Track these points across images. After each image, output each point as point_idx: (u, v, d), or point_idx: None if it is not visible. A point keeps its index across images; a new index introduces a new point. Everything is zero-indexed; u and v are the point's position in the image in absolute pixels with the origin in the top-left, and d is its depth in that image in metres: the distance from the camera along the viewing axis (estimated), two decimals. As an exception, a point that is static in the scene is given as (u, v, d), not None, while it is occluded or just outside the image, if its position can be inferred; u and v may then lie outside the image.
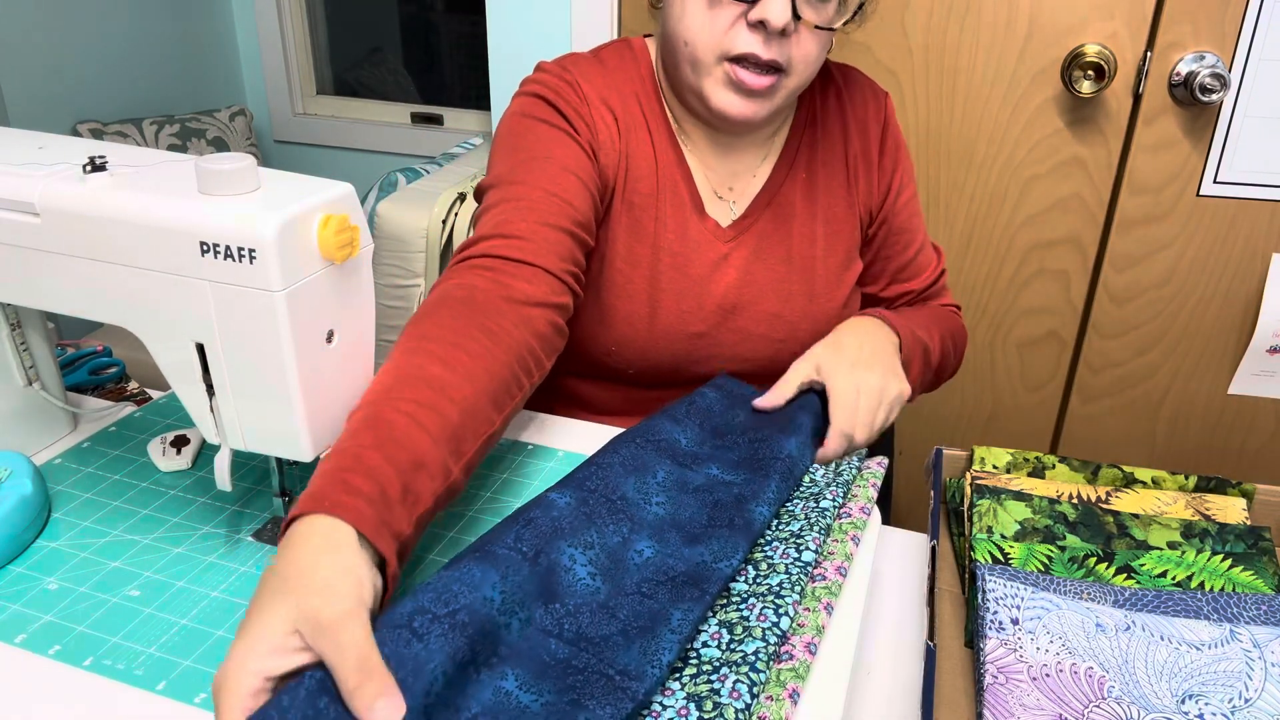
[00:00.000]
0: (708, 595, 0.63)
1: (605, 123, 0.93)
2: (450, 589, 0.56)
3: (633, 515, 0.70)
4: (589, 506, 0.68)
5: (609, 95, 0.94)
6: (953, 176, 1.56)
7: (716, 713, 0.56)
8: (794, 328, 0.98)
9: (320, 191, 0.63)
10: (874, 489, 0.79)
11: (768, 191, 0.98)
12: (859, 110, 1.00)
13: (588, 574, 0.63)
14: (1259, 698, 0.61)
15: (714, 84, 0.88)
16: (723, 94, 0.88)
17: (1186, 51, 1.39)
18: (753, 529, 0.70)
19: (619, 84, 0.95)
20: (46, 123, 2.12)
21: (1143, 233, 1.51)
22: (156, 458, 0.82)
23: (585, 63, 0.96)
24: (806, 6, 0.85)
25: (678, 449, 0.79)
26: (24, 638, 0.63)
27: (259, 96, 2.66)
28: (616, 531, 0.68)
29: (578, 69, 0.95)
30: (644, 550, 0.67)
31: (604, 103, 0.93)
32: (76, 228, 0.63)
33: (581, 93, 0.93)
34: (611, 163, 0.93)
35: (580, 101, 0.92)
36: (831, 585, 0.68)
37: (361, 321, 0.68)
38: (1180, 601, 0.69)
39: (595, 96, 0.93)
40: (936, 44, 1.49)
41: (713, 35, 0.85)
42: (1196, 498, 0.80)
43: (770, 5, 0.82)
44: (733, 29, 0.85)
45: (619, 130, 0.94)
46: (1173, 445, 1.65)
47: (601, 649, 0.58)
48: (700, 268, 0.96)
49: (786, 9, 0.82)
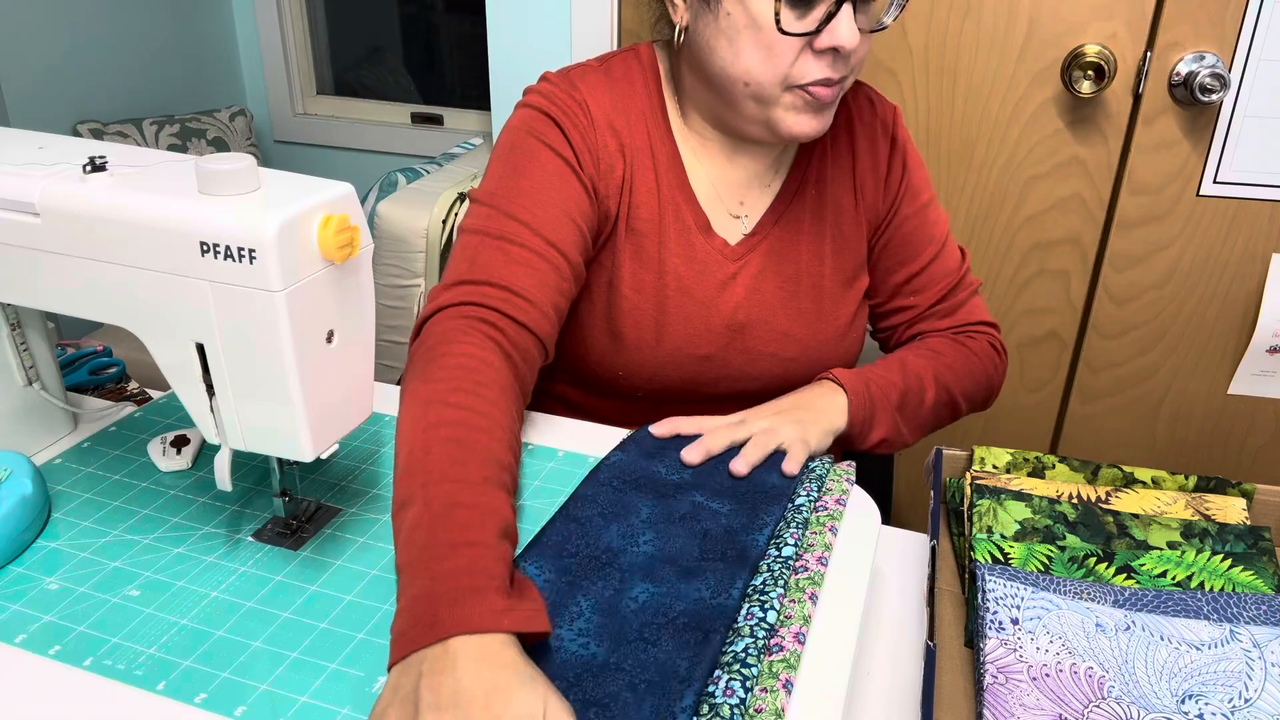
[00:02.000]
0: (714, 637, 0.62)
1: (609, 150, 0.91)
2: None
3: (622, 564, 0.68)
4: (571, 574, 0.67)
5: (615, 117, 0.92)
6: (953, 176, 1.56)
7: (712, 713, 0.56)
8: (803, 346, 0.97)
9: (320, 191, 0.63)
10: (848, 482, 0.79)
11: (778, 206, 0.97)
12: (867, 124, 0.99)
13: (579, 646, 0.61)
14: (1259, 698, 0.61)
15: (783, 111, 0.86)
16: (793, 119, 0.86)
17: (1186, 51, 1.39)
18: (747, 559, 0.69)
19: (626, 102, 0.93)
20: (46, 123, 2.13)
21: (1143, 233, 1.51)
22: (156, 458, 0.82)
23: (593, 77, 0.93)
24: (860, 16, 0.83)
25: (657, 479, 0.78)
26: (24, 638, 0.63)
27: (259, 96, 2.66)
28: (607, 585, 0.66)
29: (585, 85, 0.92)
30: (639, 595, 0.66)
31: (609, 125, 0.91)
32: (76, 228, 0.63)
33: (589, 114, 0.90)
34: (613, 192, 0.92)
35: (588, 125, 0.90)
36: (814, 575, 0.68)
37: (361, 321, 0.68)
38: (1180, 601, 0.69)
39: (602, 119, 0.91)
40: (936, 44, 1.49)
41: (776, 70, 0.83)
42: (1196, 498, 0.80)
43: (840, 31, 0.80)
44: (802, 59, 0.83)
45: (623, 156, 0.92)
46: (1173, 445, 1.65)
47: (612, 711, 0.56)
48: (706, 289, 0.95)
49: (854, 30, 0.81)
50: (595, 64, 0.96)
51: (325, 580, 0.69)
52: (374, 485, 0.81)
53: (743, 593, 0.66)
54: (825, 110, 0.87)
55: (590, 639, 0.62)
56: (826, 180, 0.97)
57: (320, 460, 0.77)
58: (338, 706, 0.59)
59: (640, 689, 0.58)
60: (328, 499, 0.78)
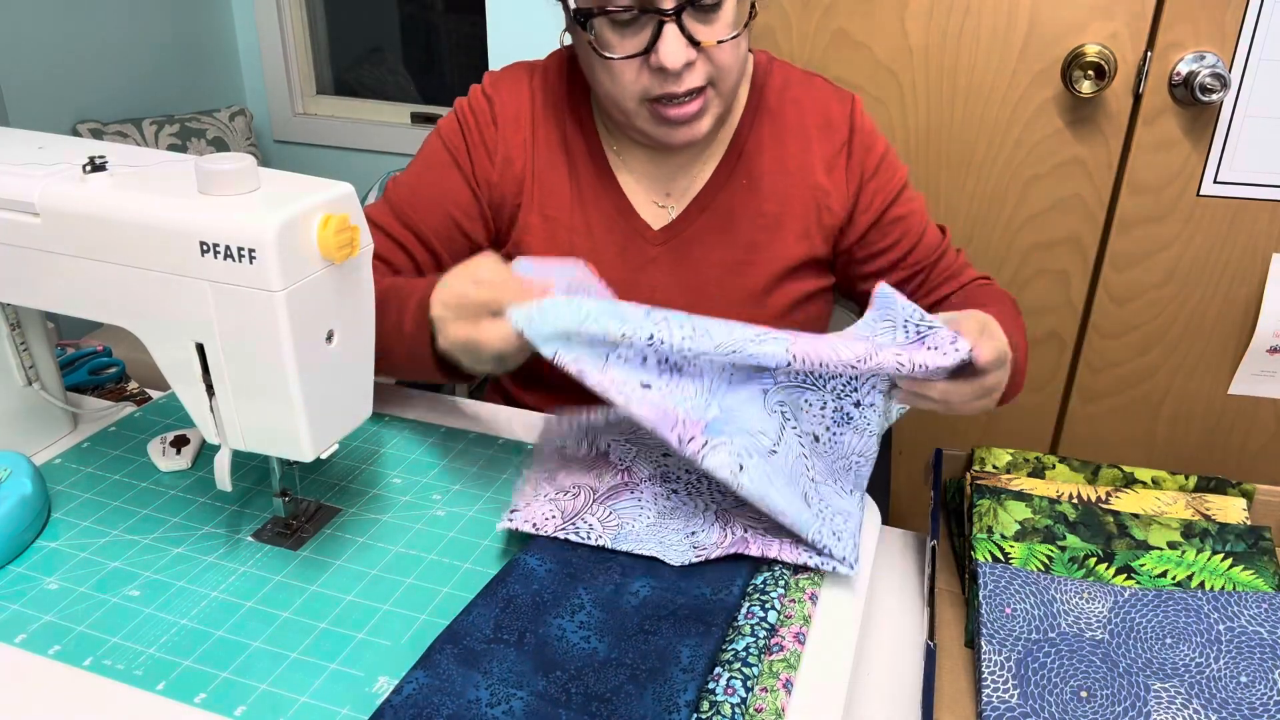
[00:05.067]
0: (715, 629, 0.62)
1: (510, 142, 0.97)
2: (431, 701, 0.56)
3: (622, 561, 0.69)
4: (572, 566, 0.68)
5: (526, 110, 0.98)
6: (953, 176, 1.56)
7: (713, 711, 0.56)
8: None
9: (320, 191, 0.63)
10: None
11: (704, 196, 0.97)
12: (820, 116, 0.98)
13: (580, 639, 0.62)
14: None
15: (645, 122, 0.89)
16: (659, 130, 0.89)
17: (1186, 51, 1.39)
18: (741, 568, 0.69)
19: (547, 95, 0.98)
20: (46, 123, 2.13)
21: (1143, 233, 1.51)
22: (156, 458, 0.82)
23: (519, 73, 1.00)
24: (701, 27, 0.83)
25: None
26: (24, 638, 0.63)
27: (259, 96, 2.66)
28: (608, 580, 0.67)
29: (506, 82, 0.99)
30: (640, 590, 0.66)
31: (515, 119, 0.97)
32: (76, 228, 0.63)
33: (494, 112, 0.97)
34: (511, 179, 0.97)
35: (489, 122, 0.97)
36: (814, 576, 0.68)
37: (361, 321, 0.68)
38: (1180, 601, 0.69)
39: (507, 114, 0.97)
40: (936, 44, 1.49)
41: (622, 89, 0.87)
42: (1196, 498, 0.80)
43: (665, 52, 0.82)
44: (640, 76, 0.85)
45: (529, 146, 0.97)
46: (1173, 445, 1.65)
47: (614, 704, 0.57)
48: (624, 271, 0.97)
49: (679, 50, 0.82)
50: (532, 62, 1.02)
51: (325, 580, 0.69)
52: (374, 485, 0.81)
53: (743, 590, 0.66)
54: (692, 120, 0.88)
55: (591, 633, 0.63)
56: (762, 170, 0.97)
57: (320, 460, 0.77)
58: (338, 706, 0.59)
59: (642, 678, 0.58)
60: (328, 499, 0.78)
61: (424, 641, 0.63)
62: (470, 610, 0.64)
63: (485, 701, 0.57)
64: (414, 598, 0.68)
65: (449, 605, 0.67)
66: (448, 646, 0.61)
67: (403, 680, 0.59)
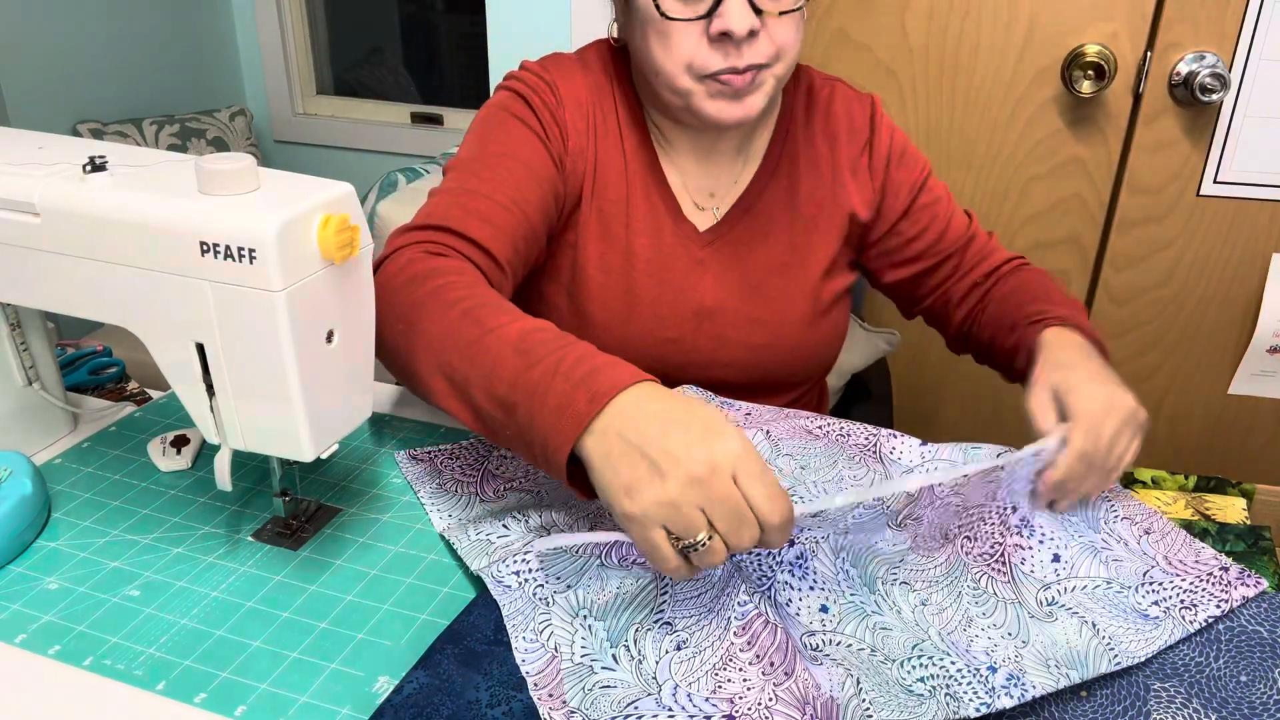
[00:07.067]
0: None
1: (577, 128, 0.93)
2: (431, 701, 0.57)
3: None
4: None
5: (585, 98, 0.94)
6: (953, 176, 1.56)
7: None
8: (774, 333, 0.97)
9: (320, 191, 0.63)
10: None
11: (747, 198, 0.97)
12: (844, 119, 0.98)
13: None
14: None
15: (700, 100, 0.87)
16: (712, 105, 0.87)
17: (1186, 51, 1.40)
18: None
19: (598, 87, 0.95)
20: (46, 123, 2.13)
21: (1143, 233, 1.51)
22: (156, 458, 0.82)
23: (568, 64, 0.96)
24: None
25: None
26: (24, 638, 0.63)
27: (259, 96, 2.66)
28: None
29: (558, 69, 0.95)
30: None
31: (579, 106, 0.94)
32: (76, 228, 0.63)
33: (559, 94, 0.93)
34: (580, 169, 0.93)
35: (556, 104, 0.93)
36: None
37: (361, 321, 0.68)
38: (1180, 601, 0.69)
39: (571, 99, 0.93)
40: (936, 44, 1.49)
41: (676, 59, 0.84)
42: (1196, 498, 0.80)
43: (730, 15, 0.80)
44: (698, 47, 0.83)
45: (592, 136, 0.94)
46: (1173, 445, 1.65)
47: None
48: (675, 273, 0.95)
49: (746, 14, 0.81)
50: (573, 54, 0.99)
51: (325, 580, 0.69)
52: (374, 485, 0.81)
53: None
54: (745, 96, 0.86)
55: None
56: (799, 172, 0.98)
57: (320, 460, 0.77)
58: (338, 706, 0.59)
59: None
60: (328, 499, 0.78)
61: (424, 641, 0.63)
62: (471, 610, 0.64)
63: (485, 702, 0.57)
64: (414, 598, 0.68)
65: (449, 605, 0.67)
66: (448, 647, 0.61)
67: (403, 680, 0.59)
